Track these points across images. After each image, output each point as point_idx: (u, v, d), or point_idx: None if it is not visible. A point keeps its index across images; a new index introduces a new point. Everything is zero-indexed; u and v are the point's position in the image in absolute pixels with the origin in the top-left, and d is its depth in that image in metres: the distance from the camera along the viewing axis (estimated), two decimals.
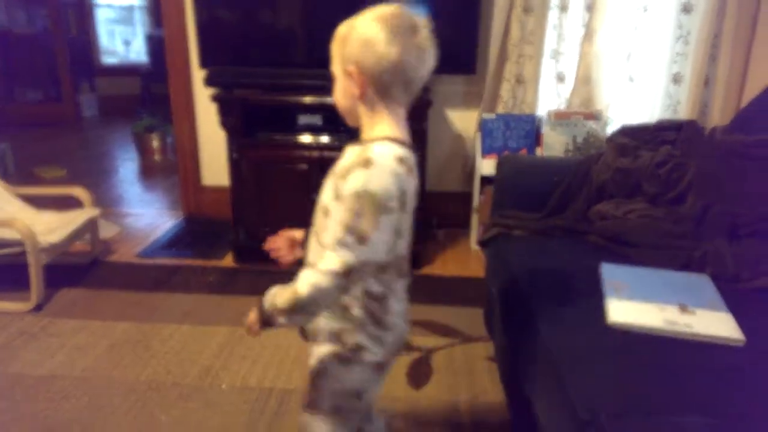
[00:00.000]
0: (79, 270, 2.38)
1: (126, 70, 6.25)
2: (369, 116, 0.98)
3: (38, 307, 2.06)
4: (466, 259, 2.56)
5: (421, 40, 0.92)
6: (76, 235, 2.25)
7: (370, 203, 0.88)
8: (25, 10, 5.45)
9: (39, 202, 2.44)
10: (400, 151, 0.93)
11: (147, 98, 5.93)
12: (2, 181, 2.42)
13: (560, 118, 2.42)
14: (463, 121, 2.75)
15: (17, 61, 5.35)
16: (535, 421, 1.13)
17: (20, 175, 3.68)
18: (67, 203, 2.48)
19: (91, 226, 2.39)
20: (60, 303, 2.12)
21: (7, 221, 2.06)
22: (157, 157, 4.26)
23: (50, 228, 2.20)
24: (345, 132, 2.36)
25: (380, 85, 0.93)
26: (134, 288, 2.24)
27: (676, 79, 2.40)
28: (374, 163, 0.90)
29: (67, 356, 1.80)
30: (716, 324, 1.15)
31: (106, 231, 2.71)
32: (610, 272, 1.37)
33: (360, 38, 0.92)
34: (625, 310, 1.20)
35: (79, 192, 2.41)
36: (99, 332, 1.93)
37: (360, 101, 0.96)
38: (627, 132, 1.77)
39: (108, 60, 6.42)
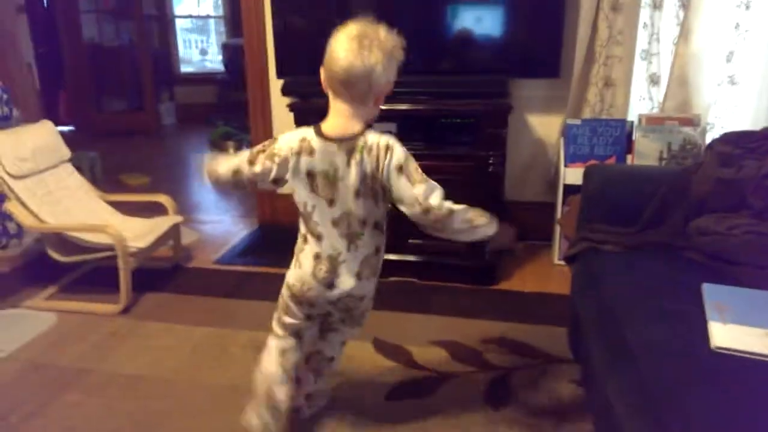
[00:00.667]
0: (162, 274, 2.47)
1: (202, 79, 6.50)
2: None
3: (126, 310, 2.15)
4: (547, 274, 2.46)
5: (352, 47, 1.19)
6: (161, 240, 2.34)
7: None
8: (114, 24, 5.79)
9: (126, 208, 2.56)
10: None
11: (222, 106, 6.14)
12: (95, 189, 2.55)
13: (653, 123, 2.28)
14: (546, 127, 2.64)
15: (105, 72, 5.68)
16: None
17: (107, 182, 3.88)
18: (152, 209, 2.59)
19: (174, 232, 2.48)
20: (145, 306, 2.20)
21: (101, 227, 2.16)
22: None
23: (139, 234, 2.30)
24: (420, 140, 2.33)
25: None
26: (213, 294, 2.30)
27: None
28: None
29: (153, 357, 1.87)
30: None
31: (186, 237, 2.81)
32: (712, 293, 1.27)
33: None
34: (729, 335, 1.11)
35: (164, 199, 2.51)
36: (182, 335, 1.99)
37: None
38: (730, 139, 1.63)
39: (185, 69, 6.70)
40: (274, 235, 2.93)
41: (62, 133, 2.59)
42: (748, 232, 1.44)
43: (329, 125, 1.28)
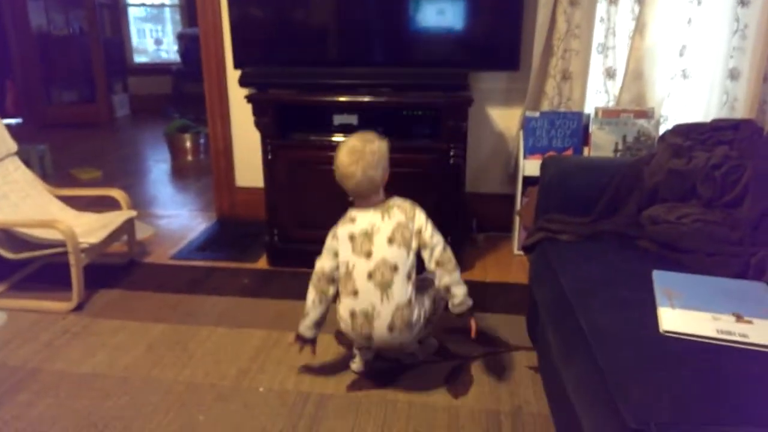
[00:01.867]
0: (116, 271, 2.40)
1: (157, 69, 6.33)
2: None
3: (79, 307, 2.08)
4: (507, 264, 2.50)
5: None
6: (114, 236, 2.27)
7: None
8: (63, 12, 5.56)
9: (77, 203, 2.47)
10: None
11: (178, 97, 5.99)
12: (44, 183, 2.45)
13: (609, 116, 2.34)
14: (505, 119, 2.68)
15: (54, 62, 5.46)
16: None
17: (58, 176, 3.74)
18: (104, 204, 2.51)
19: (128, 227, 2.40)
20: (99, 303, 2.14)
21: (51, 222, 2.08)
22: (189, 157, 4.30)
23: (90, 229, 2.23)
24: (381, 132, 2.32)
25: None
26: (170, 290, 2.25)
27: (733, 74, 2.30)
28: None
29: (108, 355, 1.81)
30: None
31: (141, 232, 2.73)
32: (662, 279, 1.31)
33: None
34: (678, 319, 1.15)
35: (116, 194, 2.43)
36: (138, 333, 1.94)
37: None
38: (681, 131, 1.69)
39: (139, 59, 6.51)
40: (232, 229, 2.89)
41: (9, 126, 2.48)
42: (697, 221, 1.49)
43: (361, 206, 1.64)
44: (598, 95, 2.50)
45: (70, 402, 1.59)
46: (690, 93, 2.40)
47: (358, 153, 1.55)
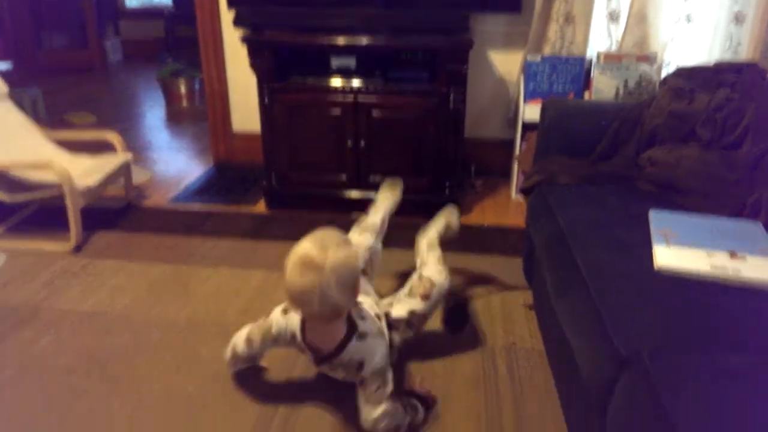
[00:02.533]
0: (113, 214, 2.40)
1: (149, 13, 6.15)
2: None
3: (77, 248, 2.09)
4: (505, 208, 2.51)
5: None
6: (110, 178, 2.26)
7: None
8: None
9: (71, 147, 2.44)
10: None
11: (171, 41, 5.85)
12: (37, 126, 2.42)
13: (611, 60, 2.30)
14: (506, 63, 2.63)
15: (45, 6, 5.30)
16: (575, 366, 1.12)
17: (51, 121, 3.69)
18: (99, 148, 2.48)
19: (124, 170, 2.39)
20: (98, 245, 2.15)
21: (46, 164, 2.06)
22: (184, 103, 4.23)
23: (86, 171, 2.21)
24: (380, 76, 2.29)
25: None
26: (169, 232, 2.26)
27: (738, 18, 2.25)
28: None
29: (108, 294, 1.83)
30: (766, 269, 1.11)
31: (138, 177, 2.72)
32: (659, 219, 1.33)
33: None
34: (673, 256, 1.17)
35: (111, 136, 2.41)
36: (137, 273, 1.96)
37: None
38: (683, 74, 1.67)
39: (130, 3, 6.32)
40: (230, 174, 2.87)
41: None
42: (696, 162, 1.49)
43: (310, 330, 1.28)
44: (600, 39, 2.45)
45: (72, 339, 1.62)
46: (693, 37, 2.36)
47: (314, 268, 1.10)
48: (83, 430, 1.31)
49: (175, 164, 3.04)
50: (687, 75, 1.69)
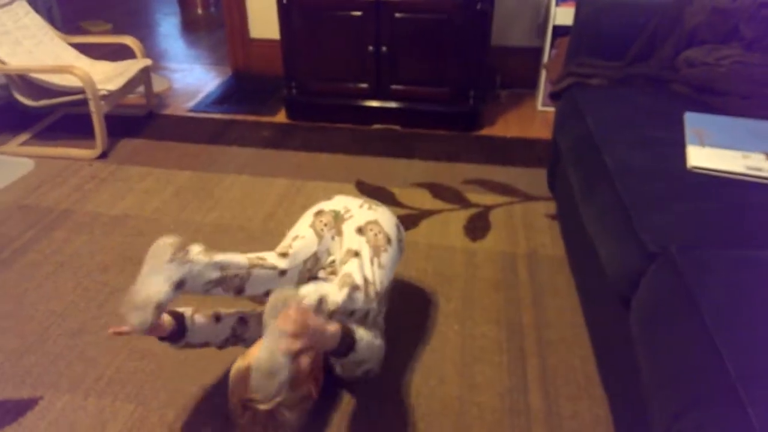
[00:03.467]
0: (136, 121, 2.40)
1: None
2: None
3: (104, 155, 2.12)
4: (530, 120, 2.45)
5: None
6: (131, 84, 2.24)
7: None
8: None
9: (90, 53, 2.41)
10: None
11: None
12: (56, 31, 2.38)
13: None
14: None
15: None
16: (598, 267, 1.12)
17: (67, 28, 3.61)
18: (118, 55, 2.45)
19: (144, 77, 2.36)
20: (123, 151, 2.17)
21: (68, 68, 2.05)
22: (199, 10, 4.11)
23: (107, 76, 2.20)
24: None
25: None
26: (191, 140, 2.26)
27: None
28: None
29: (136, 199, 1.87)
30: None
31: (157, 85, 2.69)
32: (694, 120, 1.29)
33: None
34: (707, 156, 1.14)
35: (130, 41, 2.36)
36: (163, 179, 1.98)
37: None
38: None
39: None
40: (249, 83, 2.83)
41: None
42: (737, 62, 1.42)
43: None
44: None
45: (105, 239, 1.68)
46: None
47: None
48: (120, 322, 1.37)
49: (193, 73, 2.99)
50: None
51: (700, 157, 1.13)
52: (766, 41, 1.45)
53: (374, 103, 2.36)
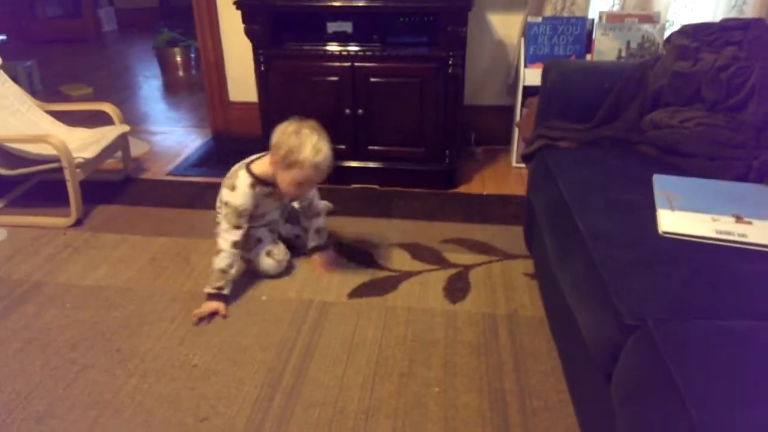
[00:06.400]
0: (113, 187, 2.39)
1: None
2: None
3: (78, 222, 2.09)
4: (505, 177, 2.48)
5: None
6: (108, 151, 2.24)
7: None
8: None
9: (68, 119, 2.42)
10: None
11: (166, 11, 5.74)
12: (33, 99, 2.39)
13: (613, 20, 2.24)
14: (506, 26, 2.57)
15: None
16: (578, 333, 1.12)
17: (47, 93, 3.65)
18: (96, 120, 2.46)
19: (122, 142, 2.37)
20: (98, 218, 2.14)
21: (43, 137, 2.04)
22: (180, 73, 4.17)
23: (83, 144, 2.19)
24: (377, 41, 2.24)
25: None
26: (168, 205, 2.25)
27: None
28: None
29: (111, 268, 1.84)
30: None
31: (136, 149, 2.70)
32: (662, 183, 1.31)
33: None
34: (677, 221, 1.15)
35: (108, 108, 2.38)
36: (139, 246, 1.96)
37: None
38: (688, 32, 1.62)
39: None
40: (228, 145, 2.85)
41: None
42: (700, 124, 1.46)
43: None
44: None
45: (76, 312, 1.63)
46: None
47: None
48: (88, 403, 1.32)
49: (173, 136, 3.01)
50: (692, 33, 1.64)
51: (670, 222, 1.14)
52: (728, 103, 1.50)
53: (352, 163, 2.39)
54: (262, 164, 1.68)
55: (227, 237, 1.65)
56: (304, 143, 1.56)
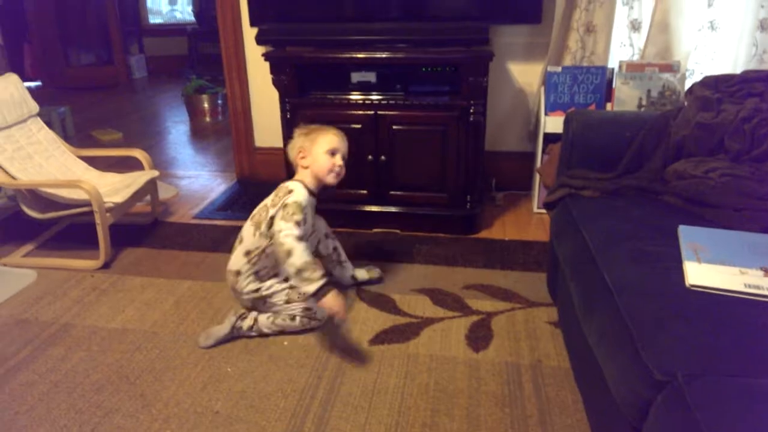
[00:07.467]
0: (141, 230, 2.44)
1: (172, 30, 6.29)
2: None
3: (106, 265, 2.13)
4: (526, 222, 2.49)
5: None
6: (138, 196, 2.30)
7: None
8: None
9: (99, 164, 2.50)
10: None
11: (194, 58, 5.96)
12: (67, 144, 2.48)
13: (633, 70, 2.28)
14: (526, 75, 2.62)
15: (71, 24, 5.45)
16: (605, 386, 1.10)
17: (79, 137, 3.78)
18: (126, 165, 2.54)
19: (151, 187, 2.43)
20: (126, 261, 2.19)
21: (76, 182, 2.11)
22: (207, 118, 4.30)
23: (114, 189, 2.26)
24: (400, 90, 2.30)
25: None
26: (194, 248, 2.29)
27: (763, 25, 2.22)
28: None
29: (136, 311, 1.86)
30: None
31: (164, 192, 2.76)
32: (688, 234, 1.30)
33: None
34: (704, 273, 1.14)
35: (138, 154, 2.46)
36: (165, 289, 1.99)
37: None
38: (710, 83, 1.64)
39: (154, 20, 6.46)
40: (253, 190, 2.91)
41: (29, 89, 2.49)
42: (725, 175, 1.46)
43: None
44: (622, 49, 2.43)
45: (102, 356, 1.65)
46: (717, 45, 2.33)
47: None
48: None
49: (199, 180, 3.09)
50: (714, 84, 1.66)
51: (697, 274, 1.13)
52: (752, 154, 1.50)
53: (374, 208, 2.41)
54: (298, 176, 1.77)
55: (290, 233, 1.59)
56: (314, 127, 1.77)
